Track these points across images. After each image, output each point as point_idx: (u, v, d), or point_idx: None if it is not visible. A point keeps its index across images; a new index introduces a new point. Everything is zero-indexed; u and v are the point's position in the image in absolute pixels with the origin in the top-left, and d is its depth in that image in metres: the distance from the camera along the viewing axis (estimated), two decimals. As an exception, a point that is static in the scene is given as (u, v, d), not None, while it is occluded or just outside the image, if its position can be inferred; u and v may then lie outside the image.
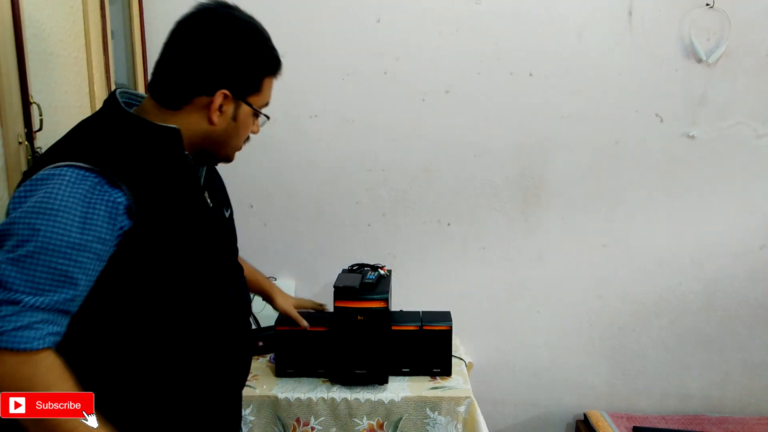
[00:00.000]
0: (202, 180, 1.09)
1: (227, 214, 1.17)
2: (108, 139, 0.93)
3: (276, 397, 1.67)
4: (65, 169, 0.85)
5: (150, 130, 0.97)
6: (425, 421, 1.69)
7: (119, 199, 0.87)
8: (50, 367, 0.84)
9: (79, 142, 0.93)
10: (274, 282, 1.74)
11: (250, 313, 1.22)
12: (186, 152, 1.02)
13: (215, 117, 1.01)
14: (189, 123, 1.00)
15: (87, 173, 0.86)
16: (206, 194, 1.08)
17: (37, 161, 0.93)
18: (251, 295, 1.51)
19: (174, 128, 0.98)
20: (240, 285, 1.16)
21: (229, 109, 1.01)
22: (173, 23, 1.04)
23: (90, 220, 0.84)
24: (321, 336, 1.73)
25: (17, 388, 0.83)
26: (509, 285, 2.12)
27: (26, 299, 0.80)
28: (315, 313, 1.76)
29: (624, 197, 2.05)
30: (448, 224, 2.08)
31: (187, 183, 1.02)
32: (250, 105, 1.03)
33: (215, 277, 1.05)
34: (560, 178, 2.04)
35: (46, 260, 0.81)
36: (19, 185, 0.88)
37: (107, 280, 0.90)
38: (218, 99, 0.99)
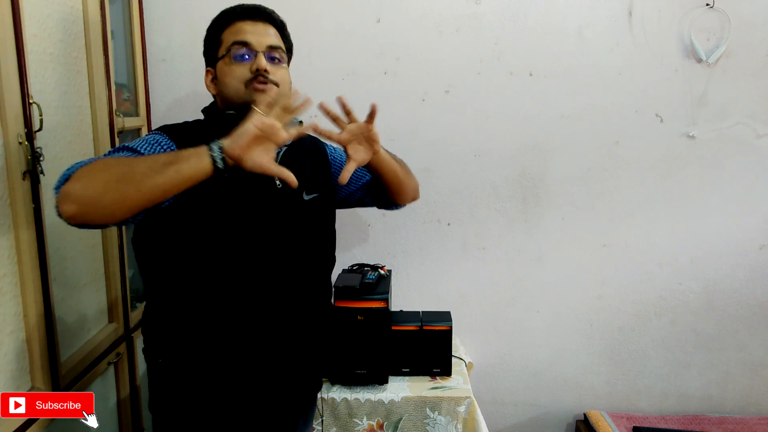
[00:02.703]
0: (278, 160, 1.17)
1: (308, 197, 1.25)
2: (186, 121, 1.26)
3: (276, 397, 1.67)
4: (153, 131, 1.19)
5: (210, 115, 1.25)
6: (425, 421, 1.69)
7: (172, 145, 1.14)
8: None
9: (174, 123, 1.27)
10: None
11: (310, 293, 1.25)
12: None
13: (211, 90, 1.26)
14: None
15: (160, 135, 1.16)
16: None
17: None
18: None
19: (231, 114, 1.18)
20: (305, 266, 1.23)
21: (216, 76, 1.24)
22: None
23: (154, 141, 1.13)
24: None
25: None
26: (509, 285, 2.12)
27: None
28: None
29: (624, 197, 2.06)
30: (448, 224, 2.08)
31: None
32: (219, 58, 1.22)
33: (257, 249, 1.15)
34: (560, 178, 2.05)
35: (130, 146, 1.10)
36: None
37: (163, 229, 1.12)
38: (206, 78, 1.26)
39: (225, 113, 1.21)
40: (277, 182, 1.19)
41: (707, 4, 1.92)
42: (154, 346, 1.21)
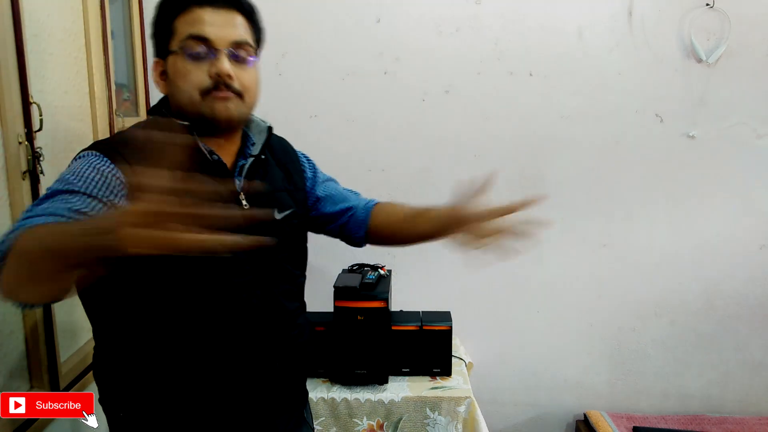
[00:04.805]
0: (241, 179, 1.06)
1: (281, 216, 1.09)
2: (123, 133, 1.06)
3: (276, 397, 1.67)
4: (84, 151, 0.96)
5: (158, 124, 1.04)
6: (425, 421, 1.69)
7: (116, 172, 0.92)
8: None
9: (108, 137, 1.10)
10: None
11: (283, 321, 1.10)
12: (203, 146, 1.01)
13: (161, 87, 1.05)
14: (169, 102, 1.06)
15: (95, 153, 0.94)
16: (241, 195, 1.05)
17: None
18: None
19: (184, 124, 1.00)
20: (276, 292, 1.08)
21: (166, 71, 1.03)
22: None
23: (93, 170, 0.90)
24: (321, 336, 1.73)
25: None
26: (509, 285, 2.11)
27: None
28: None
29: (624, 197, 2.05)
30: (448, 224, 2.07)
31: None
32: (171, 52, 1.01)
33: (228, 278, 1.01)
34: (560, 178, 2.04)
35: (67, 187, 0.87)
36: None
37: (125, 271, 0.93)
38: (155, 70, 1.05)
39: (195, 150, 1.00)
40: (243, 202, 1.04)
41: (707, 4, 1.92)
42: (113, 396, 1.05)
